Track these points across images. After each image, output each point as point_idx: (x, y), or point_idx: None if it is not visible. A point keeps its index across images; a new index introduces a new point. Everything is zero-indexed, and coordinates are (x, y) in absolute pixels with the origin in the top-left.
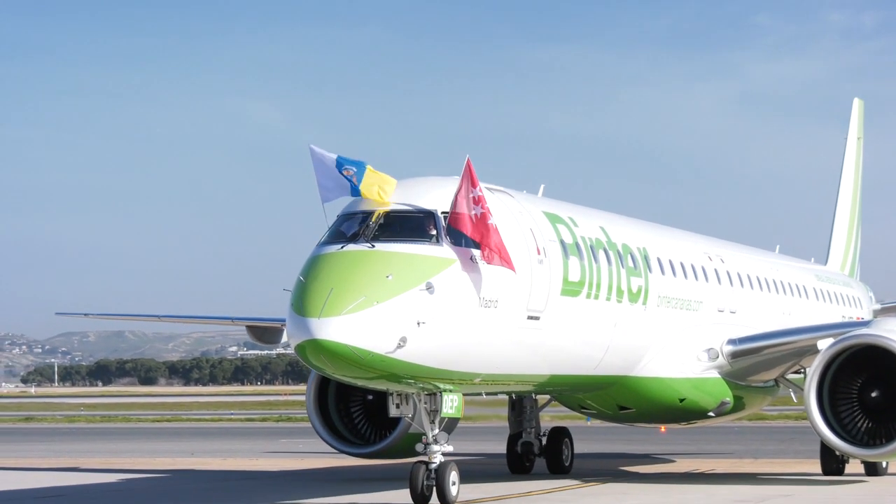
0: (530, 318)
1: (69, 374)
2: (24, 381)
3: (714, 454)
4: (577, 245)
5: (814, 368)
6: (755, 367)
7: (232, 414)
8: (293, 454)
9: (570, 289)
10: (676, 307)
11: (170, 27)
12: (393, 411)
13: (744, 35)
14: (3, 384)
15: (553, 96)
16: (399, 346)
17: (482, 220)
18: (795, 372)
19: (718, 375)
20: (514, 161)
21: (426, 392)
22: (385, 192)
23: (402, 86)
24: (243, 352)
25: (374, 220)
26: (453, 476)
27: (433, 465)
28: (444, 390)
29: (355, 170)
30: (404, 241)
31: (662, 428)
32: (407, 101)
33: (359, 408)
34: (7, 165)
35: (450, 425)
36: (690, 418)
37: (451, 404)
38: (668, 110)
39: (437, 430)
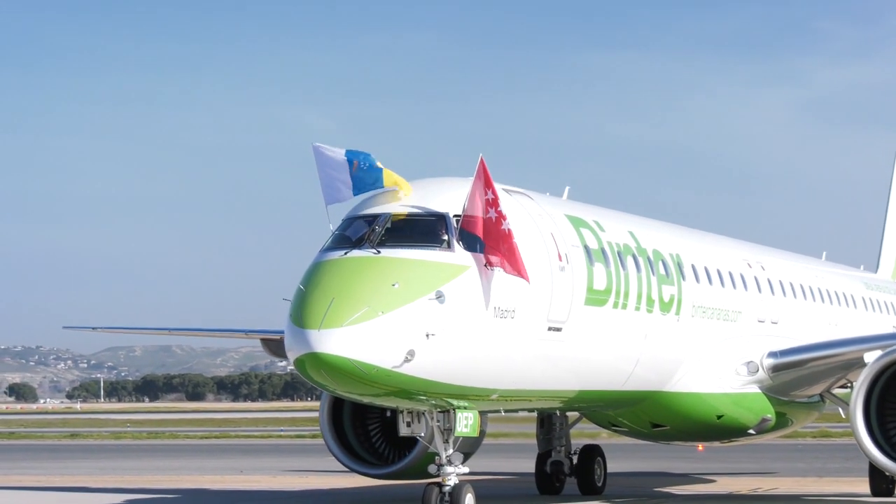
0: (551, 329)
1: (115, 390)
2: (70, 396)
3: (755, 473)
4: (602, 251)
5: (860, 383)
6: (798, 381)
7: (282, 430)
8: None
9: (595, 298)
10: (713, 317)
11: (221, 35)
12: (403, 430)
13: (807, 41)
14: (49, 400)
15: (611, 103)
16: (406, 360)
17: (497, 224)
18: (842, 386)
19: (759, 390)
20: (569, 169)
21: (439, 409)
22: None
23: (456, 93)
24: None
25: (380, 223)
26: (469, 499)
27: (447, 488)
28: (458, 407)
29: (367, 164)
30: (413, 247)
31: (700, 446)
32: (462, 109)
33: (377, 425)
34: (52, 174)
35: (474, 444)
36: (729, 436)
37: (465, 422)
38: (728, 116)
39: (451, 450)
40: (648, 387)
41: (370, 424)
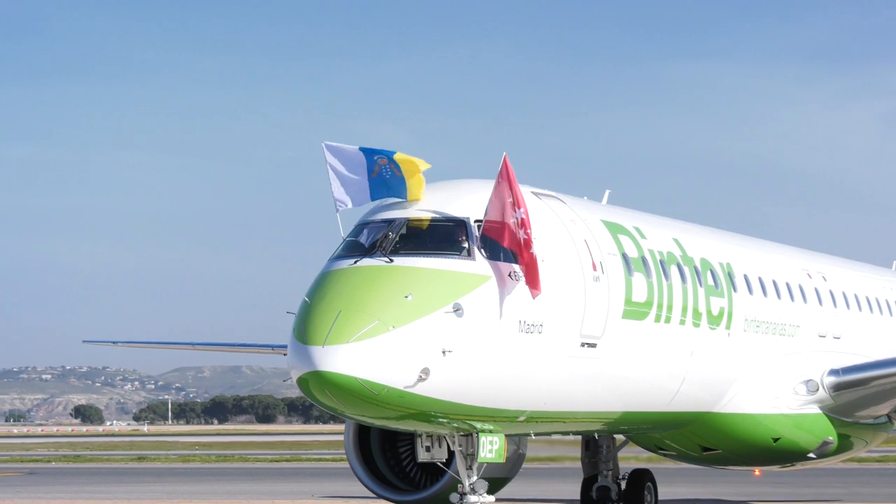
0: (585, 344)
1: (183, 412)
2: (137, 418)
3: (817, 500)
4: (643, 259)
5: None
6: (863, 400)
7: None
8: None
9: (635, 310)
10: (767, 332)
11: (289, 46)
12: (422, 455)
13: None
14: (116, 422)
15: (692, 115)
16: (420, 380)
17: (521, 230)
18: None
19: (819, 411)
20: (647, 182)
21: (461, 433)
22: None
23: (532, 106)
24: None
25: (394, 229)
26: None
27: None
28: (482, 431)
29: (388, 160)
30: (429, 255)
31: (757, 471)
32: (537, 122)
33: (407, 447)
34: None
35: (513, 468)
36: (787, 460)
37: (490, 447)
38: (814, 128)
39: (474, 477)
40: (697, 407)
41: (401, 446)
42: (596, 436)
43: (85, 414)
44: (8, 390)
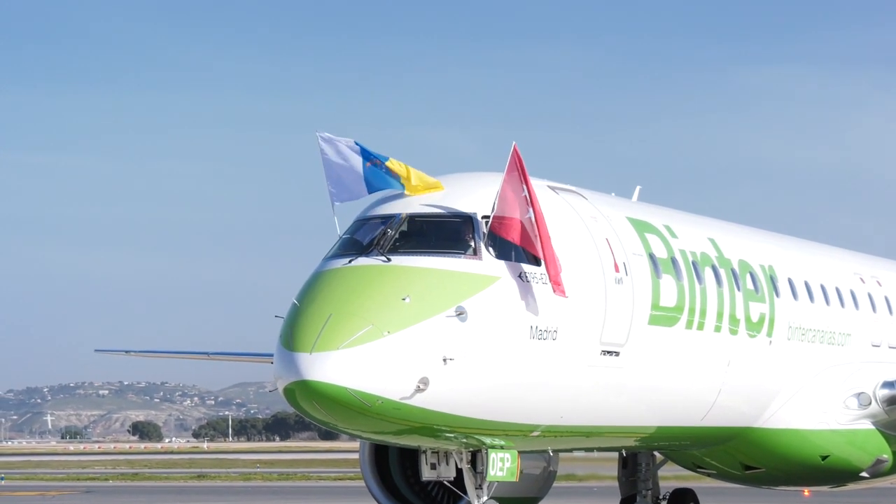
0: (606, 352)
1: (244, 428)
2: (197, 435)
3: None
4: (673, 260)
5: None
6: None
7: None
8: None
9: (663, 316)
10: (814, 341)
11: (354, 55)
12: (426, 473)
13: None
14: (175, 439)
15: (767, 121)
16: (419, 390)
17: (534, 227)
18: None
19: (872, 426)
20: (719, 191)
21: (469, 449)
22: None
23: (599, 111)
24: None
25: (394, 226)
26: None
27: None
28: (492, 447)
29: (380, 161)
30: (431, 254)
31: (806, 491)
32: (604, 128)
33: None
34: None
35: (542, 487)
36: (838, 480)
37: (501, 465)
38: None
39: (484, 498)
40: (735, 422)
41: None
42: (625, 452)
43: (143, 430)
44: (64, 406)
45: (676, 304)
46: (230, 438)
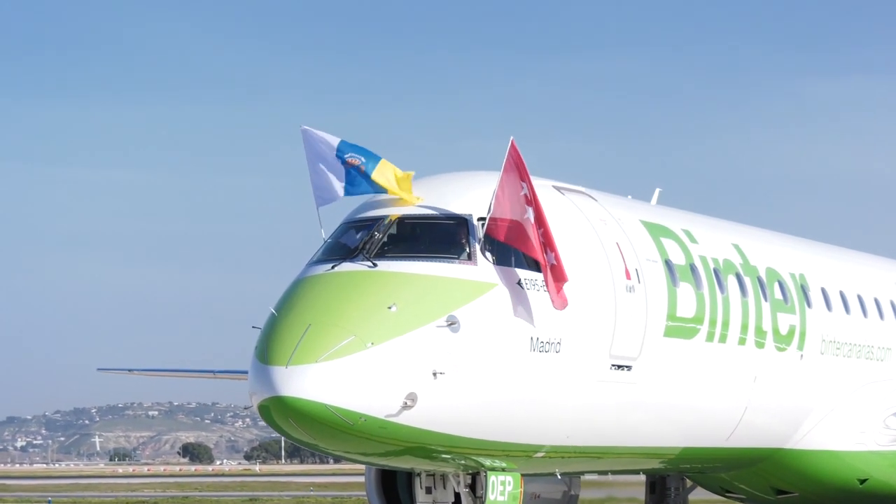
0: (616, 367)
1: (297, 450)
2: (248, 457)
3: None
4: (692, 267)
5: None
6: None
7: None
8: None
9: (680, 327)
10: (850, 355)
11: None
12: (421, 497)
13: None
14: (226, 461)
15: (836, 134)
16: (405, 407)
17: (535, 230)
18: None
19: None
20: (785, 206)
21: (468, 471)
22: (404, 189)
23: (664, 125)
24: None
25: (381, 229)
26: None
27: None
28: (492, 469)
29: (363, 159)
30: (421, 259)
31: None
32: (668, 142)
33: None
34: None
35: None
36: None
37: (501, 489)
38: None
39: None
40: (764, 443)
41: None
42: (667, 475)
43: (193, 452)
44: (113, 427)
45: (695, 314)
46: (282, 460)
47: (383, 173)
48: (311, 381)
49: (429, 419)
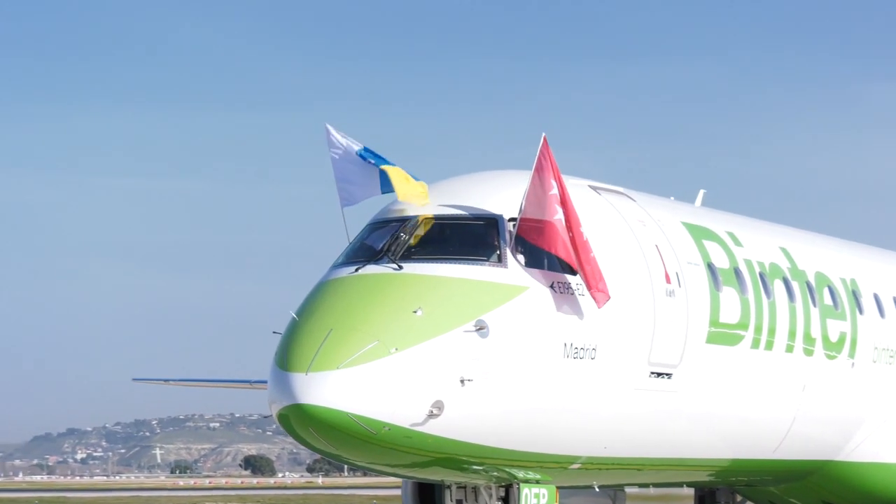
0: (655, 374)
1: None
2: (311, 469)
3: None
4: (736, 271)
5: None
6: None
7: None
8: None
9: (723, 334)
10: None
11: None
12: None
13: None
14: (288, 473)
15: (892, 138)
16: (431, 416)
17: (567, 230)
18: None
19: None
20: (838, 212)
21: (500, 483)
22: (423, 194)
23: (710, 127)
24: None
25: (408, 230)
26: None
27: None
28: (525, 481)
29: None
30: (449, 261)
31: None
32: (729, 148)
33: None
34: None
35: None
36: None
37: (536, 501)
38: None
39: None
40: (813, 455)
41: None
42: (723, 489)
43: (255, 465)
44: (173, 440)
45: (740, 320)
46: (345, 473)
47: (401, 180)
48: (331, 388)
49: (456, 428)
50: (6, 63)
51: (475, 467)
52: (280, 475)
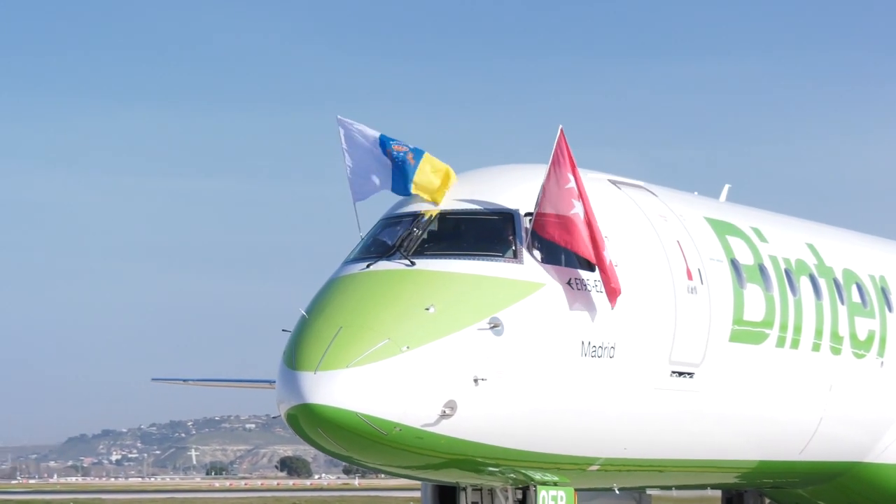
0: (677, 373)
1: None
2: (347, 471)
3: None
4: (761, 267)
5: None
6: None
7: None
8: None
9: (747, 332)
10: None
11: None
12: None
13: None
14: (324, 475)
15: None
16: (444, 416)
17: (584, 225)
18: None
19: None
20: (867, 209)
21: (517, 485)
22: (445, 187)
23: (737, 122)
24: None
25: (421, 225)
26: None
27: None
28: (542, 483)
29: (408, 147)
30: (463, 257)
31: None
32: (743, 140)
33: None
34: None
35: None
36: None
37: None
38: None
39: None
40: (840, 456)
41: None
42: (752, 491)
43: (291, 466)
44: (209, 441)
45: (765, 318)
46: (382, 475)
47: (425, 172)
48: (341, 387)
49: (470, 429)
50: (11, 61)
51: (490, 469)
52: (316, 477)
